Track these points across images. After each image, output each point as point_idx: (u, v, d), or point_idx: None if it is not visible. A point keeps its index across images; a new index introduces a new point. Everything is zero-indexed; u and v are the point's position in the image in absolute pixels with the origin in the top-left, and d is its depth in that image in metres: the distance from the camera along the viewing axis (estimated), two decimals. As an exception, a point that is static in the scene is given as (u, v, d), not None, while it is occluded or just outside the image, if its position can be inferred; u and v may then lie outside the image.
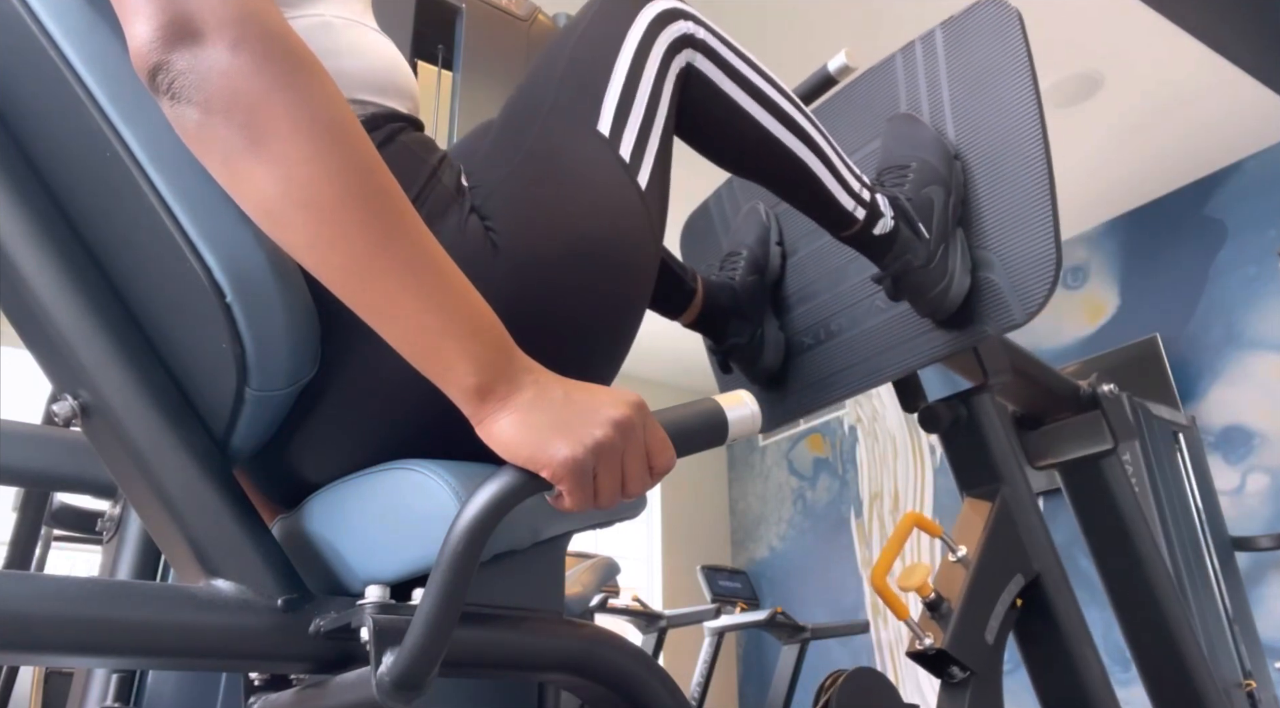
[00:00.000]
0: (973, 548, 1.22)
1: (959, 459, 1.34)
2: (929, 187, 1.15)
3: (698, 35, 0.89)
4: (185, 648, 0.57)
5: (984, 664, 1.16)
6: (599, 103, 0.78)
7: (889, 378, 1.27)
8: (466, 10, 1.51)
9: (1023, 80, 1.15)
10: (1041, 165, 1.12)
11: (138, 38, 0.52)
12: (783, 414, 1.40)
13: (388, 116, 0.72)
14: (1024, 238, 1.12)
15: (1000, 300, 1.13)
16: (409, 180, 0.68)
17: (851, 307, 1.32)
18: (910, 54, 1.31)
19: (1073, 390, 1.52)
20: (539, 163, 0.73)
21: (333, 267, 0.54)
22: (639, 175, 0.76)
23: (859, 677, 1.07)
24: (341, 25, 0.73)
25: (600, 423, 0.56)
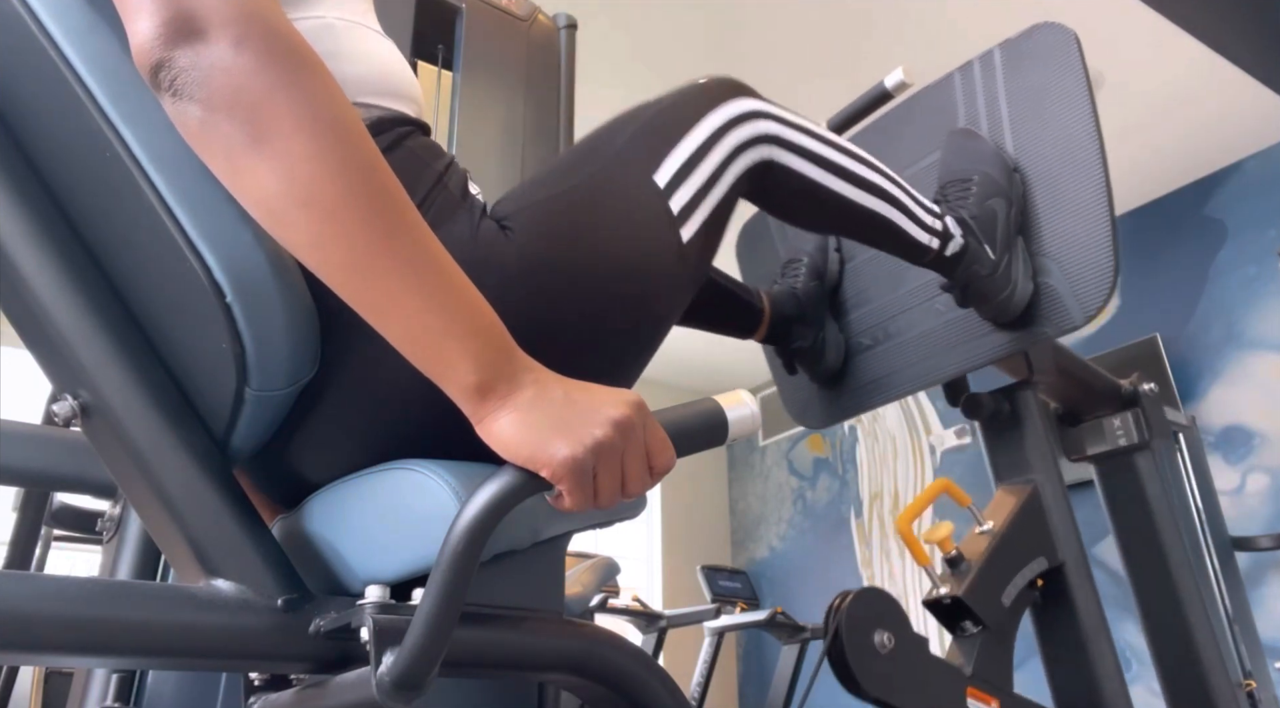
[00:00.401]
0: (1000, 524, 1.26)
1: (997, 451, 1.39)
2: (992, 199, 1.22)
3: (777, 133, 0.92)
4: (185, 648, 0.57)
5: (997, 623, 1.19)
6: (662, 159, 0.80)
7: (950, 376, 1.35)
8: (466, 10, 1.51)
9: (1081, 98, 1.23)
10: (1100, 178, 1.20)
11: (140, 35, 0.52)
12: (845, 410, 1.49)
13: (395, 120, 0.72)
14: (1083, 245, 1.20)
15: (1059, 304, 1.22)
16: (415, 185, 0.68)
17: (910, 310, 1.40)
18: (968, 72, 1.39)
19: (1114, 389, 1.57)
20: (585, 190, 0.75)
21: (334, 265, 0.54)
22: (682, 228, 0.78)
23: (867, 595, 1.09)
24: (344, 28, 0.73)
25: (600, 423, 0.56)
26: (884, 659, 1.08)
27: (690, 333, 1.35)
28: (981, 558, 1.21)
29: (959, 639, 1.21)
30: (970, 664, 1.16)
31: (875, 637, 1.08)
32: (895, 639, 1.09)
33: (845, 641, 1.06)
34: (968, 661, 1.17)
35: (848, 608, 1.07)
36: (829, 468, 5.21)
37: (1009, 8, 3.05)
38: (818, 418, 1.54)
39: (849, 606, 1.08)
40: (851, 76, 3.39)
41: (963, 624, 1.20)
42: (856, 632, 1.07)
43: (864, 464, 5.00)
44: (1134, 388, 1.57)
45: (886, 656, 1.08)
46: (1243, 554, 3.10)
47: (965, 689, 1.13)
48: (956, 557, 1.22)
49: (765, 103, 0.93)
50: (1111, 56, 3.19)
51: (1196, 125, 3.55)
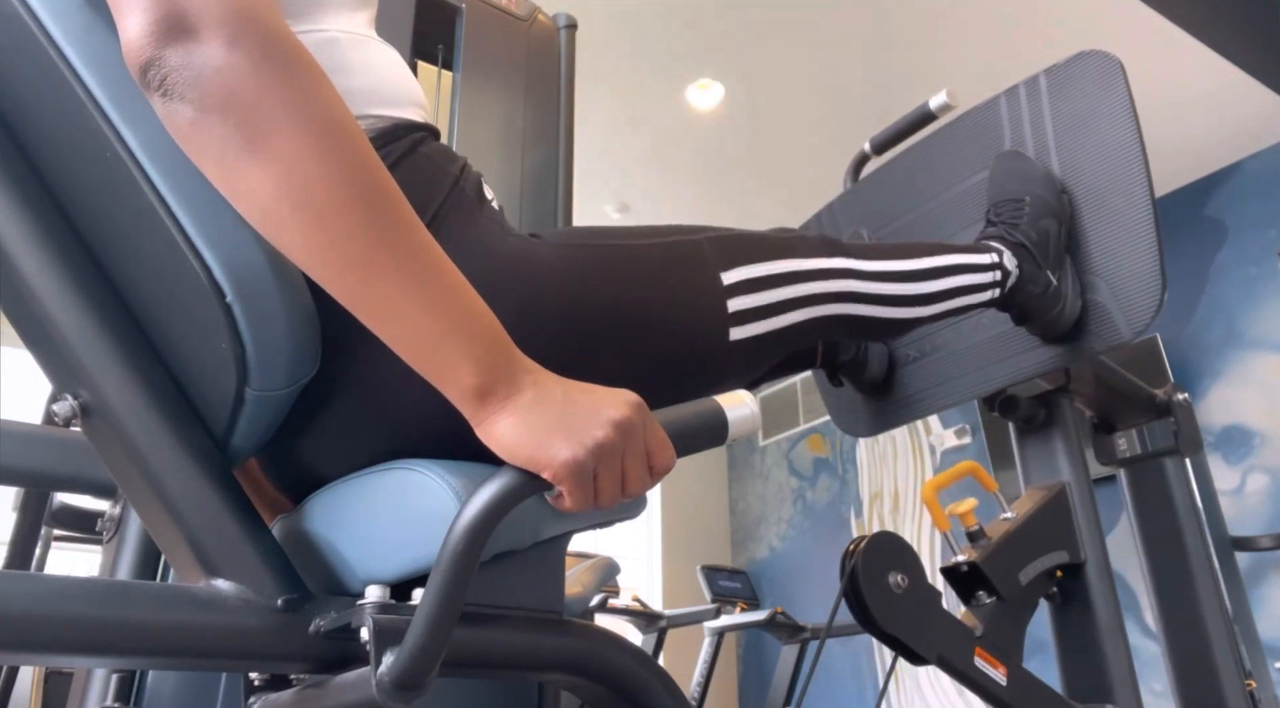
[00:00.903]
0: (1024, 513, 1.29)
1: (1029, 454, 1.43)
2: (1045, 219, 1.27)
3: (855, 290, 0.94)
4: (185, 648, 0.57)
5: (1013, 596, 1.22)
6: (735, 266, 0.81)
7: (995, 388, 1.39)
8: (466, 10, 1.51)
9: (1128, 123, 1.29)
10: (1146, 200, 1.25)
11: (129, 32, 0.51)
12: (890, 420, 1.53)
13: (407, 127, 0.72)
14: (1131, 263, 1.25)
15: (1107, 320, 1.27)
16: (434, 190, 0.68)
17: (955, 324, 1.45)
18: (1014, 96, 1.44)
19: (1148, 398, 1.62)
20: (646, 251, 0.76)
21: (330, 267, 0.54)
22: (733, 329, 0.78)
23: (883, 537, 1.10)
24: (348, 41, 0.73)
25: (600, 423, 0.56)
26: (898, 599, 1.10)
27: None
28: (1003, 535, 1.25)
29: (973, 607, 1.23)
30: (981, 628, 1.18)
31: (890, 577, 1.10)
32: (909, 581, 1.11)
33: (861, 577, 1.08)
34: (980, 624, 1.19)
35: (865, 548, 1.09)
36: (829, 468, 5.21)
37: (1009, 8, 3.05)
38: (864, 428, 1.58)
39: (867, 545, 1.09)
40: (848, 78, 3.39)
41: (977, 594, 1.23)
42: (872, 570, 1.09)
43: (864, 464, 5.00)
44: (1168, 397, 1.62)
45: (901, 595, 1.10)
46: (1243, 554, 3.10)
47: (975, 648, 1.15)
48: (977, 532, 1.25)
49: (850, 259, 0.95)
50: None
51: (1196, 125, 3.55)
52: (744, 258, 0.82)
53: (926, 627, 1.11)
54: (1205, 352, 3.66)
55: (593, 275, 0.70)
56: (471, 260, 0.59)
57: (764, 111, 3.59)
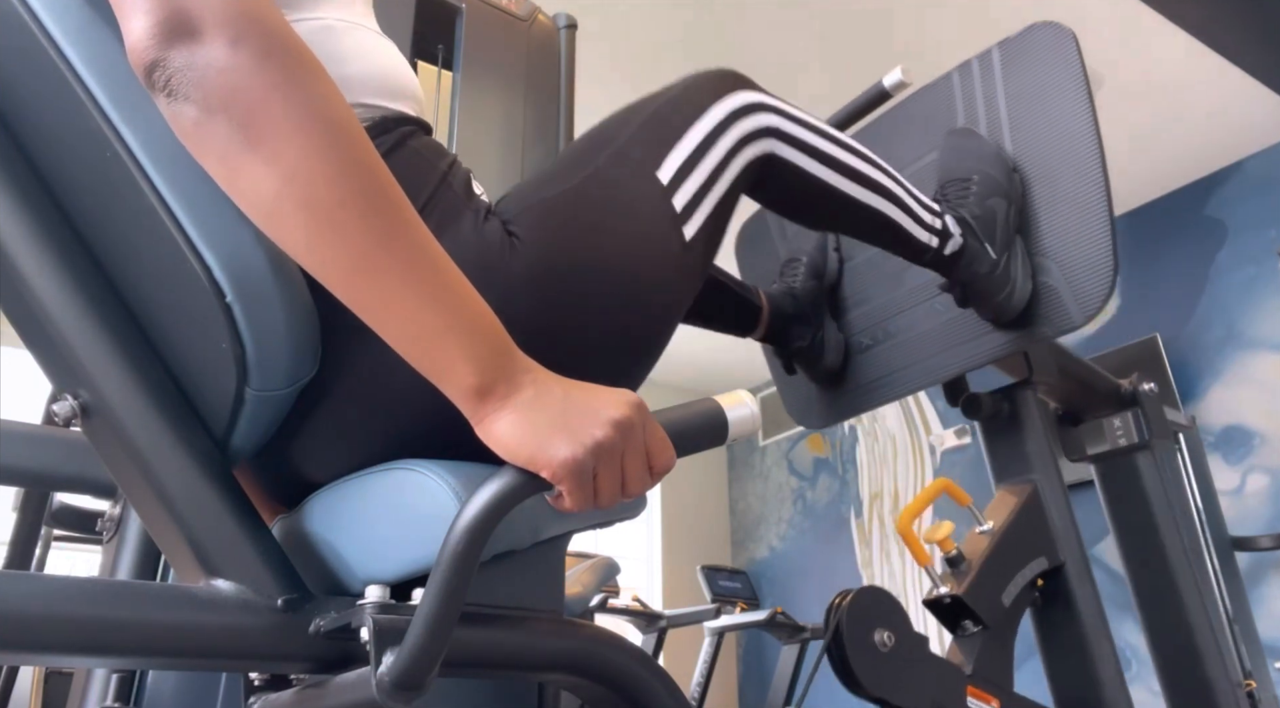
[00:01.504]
0: (1000, 523, 1.26)
1: (996, 451, 1.40)
2: (992, 198, 1.22)
3: (777, 126, 0.92)
4: (185, 648, 0.57)
5: (998, 622, 1.20)
6: (665, 155, 0.80)
7: (950, 375, 1.35)
8: (466, 10, 1.51)
9: (1080, 97, 1.23)
10: (1099, 177, 1.19)
11: (134, 34, 0.51)
12: (844, 410, 1.49)
13: (397, 120, 0.72)
14: (1082, 245, 1.20)
15: (1059, 304, 1.21)
16: (421, 185, 0.68)
17: (909, 309, 1.40)
18: (967, 72, 1.39)
19: (1114, 389, 1.58)
20: (586, 192, 0.75)
21: (332, 266, 0.54)
22: (686, 226, 0.78)
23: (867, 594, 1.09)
24: (344, 29, 0.73)
25: (600, 423, 0.56)
26: (884, 658, 1.08)
27: (691, 333, 1.35)
28: (982, 558, 1.21)
29: (959, 639, 1.21)
30: (970, 663, 1.16)
31: (875, 635, 1.08)
32: (895, 638, 1.09)
33: (846, 639, 1.06)
34: (968, 660, 1.17)
35: (848, 606, 1.07)
36: (829, 468, 5.21)
37: (1009, 8, 3.05)
38: (817, 418, 1.54)
39: (849, 604, 1.08)
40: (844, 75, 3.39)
41: (963, 624, 1.20)
42: (857, 630, 1.07)
43: (864, 464, 5.00)
44: (1133, 388, 1.57)
45: (887, 654, 1.08)
46: (1243, 554, 3.10)
47: (965, 688, 1.13)
48: (957, 556, 1.22)
49: (767, 95, 0.92)
50: (1112, 57, 3.19)
51: (1196, 125, 3.55)
52: (669, 139, 0.81)
53: (914, 681, 1.09)
54: (1205, 352, 3.66)
55: (552, 240, 0.70)
56: (455, 256, 0.59)
57: (764, 111, 3.58)
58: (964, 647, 1.19)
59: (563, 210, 0.72)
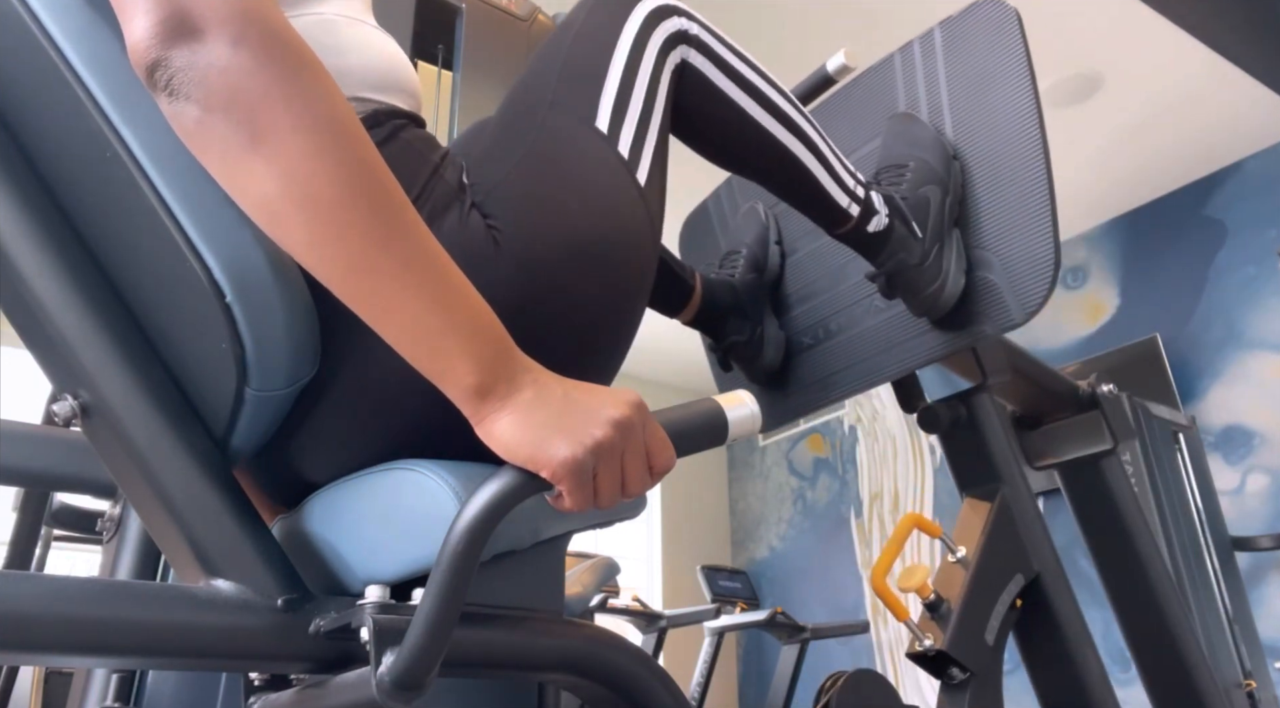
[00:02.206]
0: (972, 549, 1.21)
1: (958, 459, 1.33)
2: (926, 186, 1.15)
3: (691, 31, 0.89)
4: (185, 648, 0.57)
5: (984, 665, 1.16)
6: (596, 100, 0.78)
7: (888, 378, 1.27)
8: (466, 10, 1.51)
9: (1021, 81, 1.15)
10: (1040, 166, 1.12)
11: (135, 33, 0.51)
12: (784, 413, 1.41)
13: (390, 113, 0.72)
14: (1022, 238, 1.12)
15: (999, 301, 1.14)
16: (411, 178, 0.68)
17: (850, 306, 1.32)
18: (909, 54, 1.31)
19: (1071, 390, 1.51)
20: (539, 161, 0.73)
21: (332, 265, 0.54)
22: (638, 171, 0.77)
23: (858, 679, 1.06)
24: (343, 23, 0.73)
25: (600, 423, 0.56)
26: None
27: (691, 333, 1.34)
28: (960, 598, 1.17)
29: (947, 688, 1.17)
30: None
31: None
32: None
33: None
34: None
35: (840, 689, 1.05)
36: (829, 468, 5.21)
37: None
38: None
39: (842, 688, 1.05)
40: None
41: (950, 672, 1.17)
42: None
43: (864, 464, 5.00)
44: (1092, 389, 1.50)
45: None
46: (1242, 554, 3.10)
47: None
48: (935, 600, 1.17)
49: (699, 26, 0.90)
50: (1112, 57, 3.19)
51: (1196, 125, 3.55)
52: (593, 81, 0.79)
53: None
54: (1205, 352, 3.66)
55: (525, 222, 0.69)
56: (450, 250, 0.59)
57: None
58: (952, 698, 1.16)
59: (523, 187, 0.71)
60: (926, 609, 1.18)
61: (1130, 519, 1.48)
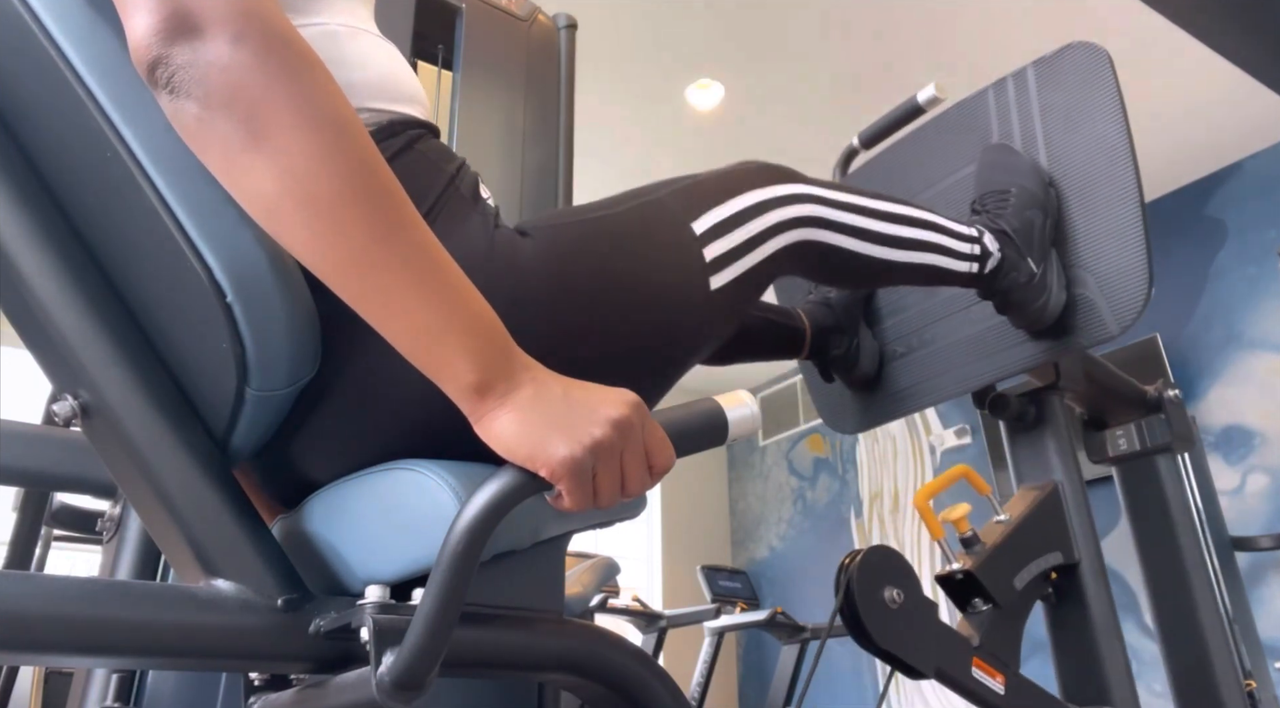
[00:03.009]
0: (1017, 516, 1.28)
1: (1020, 453, 1.42)
2: (1030, 210, 1.26)
3: (819, 215, 0.94)
4: (185, 648, 0.57)
5: (1008, 602, 1.21)
6: (703, 212, 0.81)
7: (983, 383, 1.38)
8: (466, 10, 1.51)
9: (1115, 115, 1.28)
10: (1134, 192, 1.24)
11: (137, 31, 0.52)
12: (878, 416, 1.52)
13: (405, 123, 0.72)
14: (1117, 257, 1.24)
15: (1093, 314, 1.25)
16: (428, 187, 0.68)
17: (945, 318, 1.43)
18: (1002, 89, 1.44)
19: (1140, 395, 1.60)
20: (618, 221, 0.76)
21: (332, 263, 0.54)
22: (713, 276, 0.79)
23: (878, 552, 1.10)
24: (347, 34, 0.73)
25: (599, 422, 0.56)
26: (894, 614, 1.09)
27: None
28: (997, 540, 1.24)
29: (969, 615, 1.22)
30: (978, 637, 1.18)
31: (885, 592, 1.10)
32: (905, 596, 1.11)
33: (856, 594, 1.07)
34: (976, 634, 1.18)
35: (859, 563, 1.09)
36: (829, 468, 5.21)
37: (1010, 8, 3.05)
38: (851, 423, 1.56)
39: (860, 561, 1.09)
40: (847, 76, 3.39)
41: (973, 602, 1.22)
42: (867, 585, 1.09)
43: (864, 464, 5.00)
44: (1159, 393, 1.61)
45: (896, 610, 1.10)
46: (1242, 554, 3.10)
47: (972, 658, 1.14)
48: (971, 538, 1.24)
49: (808, 185, 0.95)
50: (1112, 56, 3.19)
51: (1196, 125, 3.55)
52: (710, 202, 0.83)
53: (923, 641, 1.10)
54: (1205, 352, 3.66)
55: (571, 257, 0.71)
56: (463, 258, 0.59)
57: (764, 111, 3.59)
58: (973, 623, 1.21)
59: (586, 234, 0.73)
60: (962, 543, 1.24)
61: (1177, 516, 1.55)
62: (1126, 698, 1.24)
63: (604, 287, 0.71)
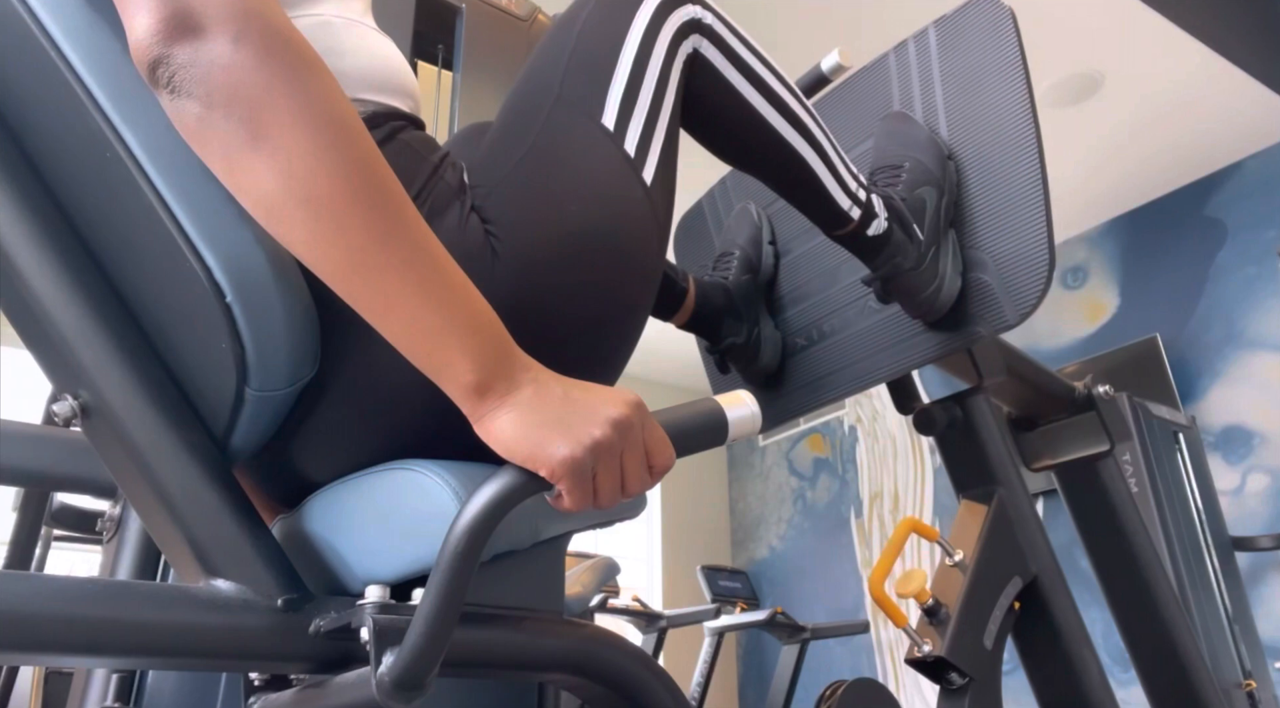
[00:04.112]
0: (969, 552, 1.21)
1: (954, 461, 1.33)
2: (922, 187, 1.14)
3: (705, 20, 0.87)
4: (185, 648, 0.57)
5: (983, 670, 1.16)
6: (604, 95, 0.76)
7: (882, 379, 1.27)
8: (466, 10, 1.51)
9: (1016, 80, 1.14)
10: (1034, 166, 1.11)
11: (138, 31, 0.52)
12: (780, 414, 1.40)
13: (389, 114, 0.72)
14: (1017, 239, 1.12)
15: (993, 302, 1.13)
16: (410, 178, 0.68)
17: (845, 307, 1.31)
18: (903, 52, 1.29)
19: (1068, 392, 1.50)
20: (540, 160, 0.72)
21: (332, 262, 0.54)
22: (644, 170, 0.75)
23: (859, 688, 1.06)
24: (342, 25, 0.73)
25: (598, 422, 0.56)
26: None
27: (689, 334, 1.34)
28: (958, 602, 1.16)
29: (946, 693, 1.17)
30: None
31: None
32: None
33: None
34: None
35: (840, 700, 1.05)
36: (829, 468, 5.21)
37: (1009, 8, 3.04)
38: None
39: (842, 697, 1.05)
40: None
41: (949, 677, 1.17)
42: None
43: (864, 464, 5.00)
44: (1088, 391, 1.50)
45: None
46: (1242, 554, 3.10)
47: None
48: (933, 605, 1.16)
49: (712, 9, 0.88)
50: (1112, 57, 3.19)
51: (1196, 125, 3.55)
52: (601, 75, 0.77)
53: None
54: (1205, 352, 3.66)
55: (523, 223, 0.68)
56: (450, 246, 0.59)
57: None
58: (952, 702, 1.16)
59: (523, 187, 0.70)
60: (925, 614, 1.17)
61: (1127, 520, 1.47)
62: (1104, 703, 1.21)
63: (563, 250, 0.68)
